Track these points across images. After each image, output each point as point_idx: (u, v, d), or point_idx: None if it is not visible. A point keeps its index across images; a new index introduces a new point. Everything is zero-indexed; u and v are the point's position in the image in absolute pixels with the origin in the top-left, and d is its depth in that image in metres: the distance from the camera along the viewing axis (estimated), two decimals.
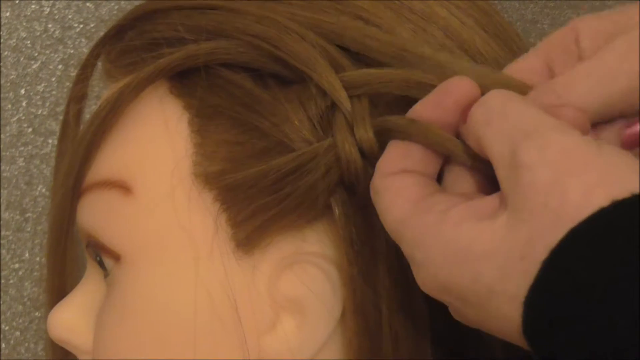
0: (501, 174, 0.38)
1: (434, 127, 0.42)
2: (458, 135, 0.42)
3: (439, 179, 0.44)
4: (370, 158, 0.44)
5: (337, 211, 0.45)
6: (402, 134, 0.43)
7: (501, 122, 0.38)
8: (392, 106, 0.45)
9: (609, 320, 0.33)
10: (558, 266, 0.35)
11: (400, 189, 0.41)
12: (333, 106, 0.45)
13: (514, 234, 0.36)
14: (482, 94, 0.41)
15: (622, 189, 0.34)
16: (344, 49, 0.45)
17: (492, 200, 0.39)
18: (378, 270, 0.46)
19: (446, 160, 0.44)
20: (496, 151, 0.38)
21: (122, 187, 0.47)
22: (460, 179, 0.43)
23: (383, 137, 0.44)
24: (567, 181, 0.35)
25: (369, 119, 0.44)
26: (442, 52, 0.46)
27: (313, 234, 0.46)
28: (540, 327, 0.35)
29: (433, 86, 0.43)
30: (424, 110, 0.42)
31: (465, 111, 0.41)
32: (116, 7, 0.69)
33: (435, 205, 0.40)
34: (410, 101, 0.44)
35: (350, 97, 0.44)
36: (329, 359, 0.47)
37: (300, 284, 0.45)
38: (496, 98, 0.40)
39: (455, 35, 0.47)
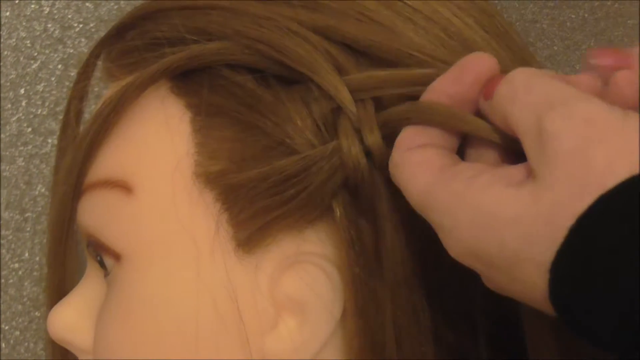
0: (528, 145, 0.38)
1: (439, 106, 0.42)
2: (478, 111, 0.43)
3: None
4: (378, 160, 0.44)
5: (338, 213, 0.45)
6: (407, 120, 0.43)
7: (526, 96, 0.39)
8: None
9: (635, 287, 0.33)
10: (585, 232, 0.35)
11: (421, 160, 0.42)
12: (338, 110, 0.45)
13: (539, 201, 0.36)
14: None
15: None
16: (347, 48, 0.45)
17: (519, 169, 0.39)
18: (379, 272, 0.46)
19: (467, 137, 0.44)
20: (522, 125, 0.38)
21: (123, 186, 0.47)
22: (484, 153, 0.43)
23: (389, 132, 0.44)
24: (592, 148, 0.35)
25: (375, 122, 0.44)
26: (445, 50, 0.46)
27: (314, 234, 0.46)
28: (565, 293, 0.35)
29: None
30: (442, 86, 0.43)
31: (486, 87, 0.42)
32: (116, 7, 0.69)
33: (460, 172, 0.40)
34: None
35: (356, 100, 0.44)
36: (330, 359, 0.47)
37: (301, 284, 0.45)
38: (520, 74, 0.40)
39: (457, 36, 0.47)
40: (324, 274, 0.46)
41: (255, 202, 0.45)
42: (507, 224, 0.37)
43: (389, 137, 0.44)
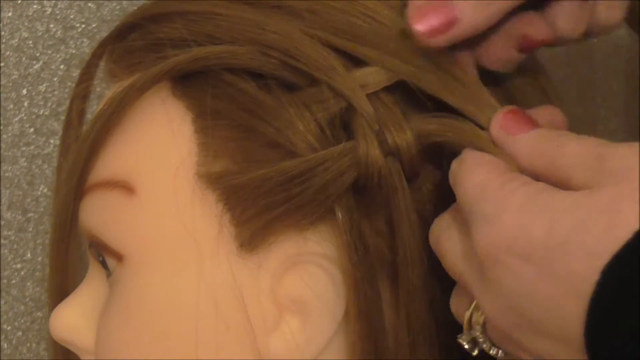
0: (581, 176, 0.39)
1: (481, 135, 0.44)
2: None
3: None
4: (407, 160, 0.45)
5: (340, 215, 0.45)
6: (444, 137, 0.45)
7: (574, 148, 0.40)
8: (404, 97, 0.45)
9: None
10: None
11: (483, 160, 0.42)
12: (349, 110, 0.45)
13: (597, 194, 0.37)
14: None
15: None
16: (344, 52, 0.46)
17: None
18: (381, 274, 0.46)
19: None
20: (577, 167, 0.39)
21: (125, 187, 0.47)
22: None
23: (424, 140, 0.45)
24: None
25: (403, 121, 0.44)
26: None
27: (316, 234, 0.46)
28: (622, 292, 0.35)
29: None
30: None
31: (511, 123, 0.43)
32: (118, 7, 0.69)
33: (519, 177, 0.41)
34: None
35: (370, 98, 0.45)
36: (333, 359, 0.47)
37: (303, 285, 0.45)
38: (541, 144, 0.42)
39: None
40: (326, 275, 0.46)
41: (258, 202, 0.45)
42: (561, 209, 0.37)
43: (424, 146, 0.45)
